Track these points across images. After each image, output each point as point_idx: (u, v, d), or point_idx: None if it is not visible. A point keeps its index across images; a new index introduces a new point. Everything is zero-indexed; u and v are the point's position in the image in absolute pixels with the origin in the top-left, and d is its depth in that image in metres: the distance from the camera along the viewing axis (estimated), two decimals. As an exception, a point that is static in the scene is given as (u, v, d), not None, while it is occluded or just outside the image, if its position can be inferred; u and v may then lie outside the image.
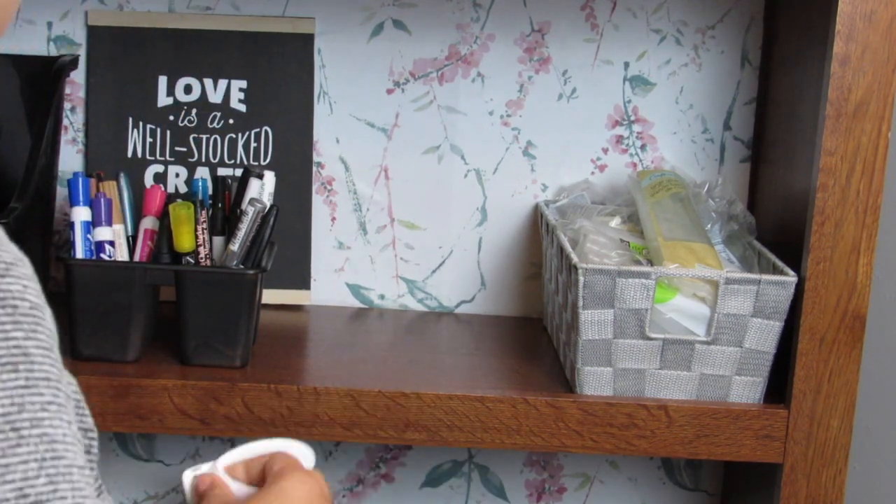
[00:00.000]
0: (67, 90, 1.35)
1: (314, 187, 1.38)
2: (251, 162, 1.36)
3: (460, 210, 1.39)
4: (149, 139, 1.35)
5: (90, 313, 1.15)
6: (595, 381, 1.14)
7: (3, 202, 1.18)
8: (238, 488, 1.00)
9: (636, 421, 1.13)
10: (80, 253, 1.17)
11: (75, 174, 1.18)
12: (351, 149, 1.38)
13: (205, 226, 1.16)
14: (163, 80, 1.35)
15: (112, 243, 1.18)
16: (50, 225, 1.31)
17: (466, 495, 1.46)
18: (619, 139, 1.37)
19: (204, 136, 1.36)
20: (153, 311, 1.21)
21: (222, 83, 1.35)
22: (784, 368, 1.14)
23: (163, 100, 1.35)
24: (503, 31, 1.35)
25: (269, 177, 1.18)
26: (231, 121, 1.35)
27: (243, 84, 1.35)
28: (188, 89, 1.35)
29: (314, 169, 1.37)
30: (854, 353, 1.11)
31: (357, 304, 1.41)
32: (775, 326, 1.11)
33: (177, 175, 1.36)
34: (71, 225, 1.17)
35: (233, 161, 1.36)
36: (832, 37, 1.06)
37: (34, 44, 1.35)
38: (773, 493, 1.16)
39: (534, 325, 1.38)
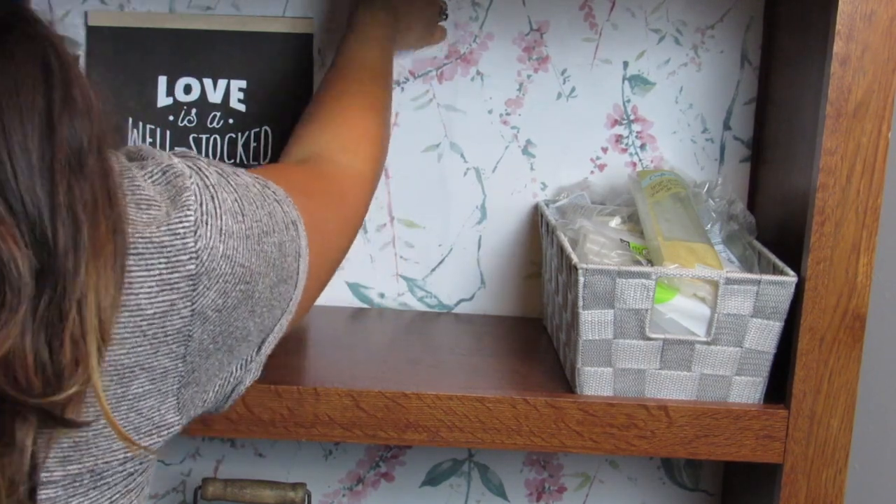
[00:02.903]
0: (67, 90, 1.35)
1: (314, 187, 1.38)
2: (251, 162, 1.36)
3: (460, 208, 1.39)
4: (149, 139, 1.34)
5: (90, 314, 1.15)
6: (595, 382, 1.14)
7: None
8: None
9: (636, 421, 1.13)
10: (79, 253, 1.16)
11: (75, 174, 1.18)
12: (351, 148, 1.38)
13: (205, 226, 1.16)
14: (162, 80, 1.35)
15: (112, 244, 1.17)
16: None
17: (466, 494, 1.46)
18: (619, 139, 1.37)
19: (204, 136, 1.36)
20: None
21: (222, 83, 1.35)
22: (784, 368, 1.14)
23: (162, 100, 1.35)
24: (502, 30, 1.35)
25: (269, 177, 1.18)
26: (231, 121, 1.35)
27: (243, 84, 1.35)
28: (188, 89, 1.35)
29: (314, 168, 1.37)
30: (854, 353, 1.11)
31: (357, 303, 1.41)
32: (775, 326, 1.11)
33: (176, 175, 1.36)
34: (71, 225, 1.17)
35: (233, 161, 1.36)
36: (832, 37, 1.06)
37: (34, 43, 1.35)
38: (773, 493, 1.16)
39: (534, 324, 1.38)
